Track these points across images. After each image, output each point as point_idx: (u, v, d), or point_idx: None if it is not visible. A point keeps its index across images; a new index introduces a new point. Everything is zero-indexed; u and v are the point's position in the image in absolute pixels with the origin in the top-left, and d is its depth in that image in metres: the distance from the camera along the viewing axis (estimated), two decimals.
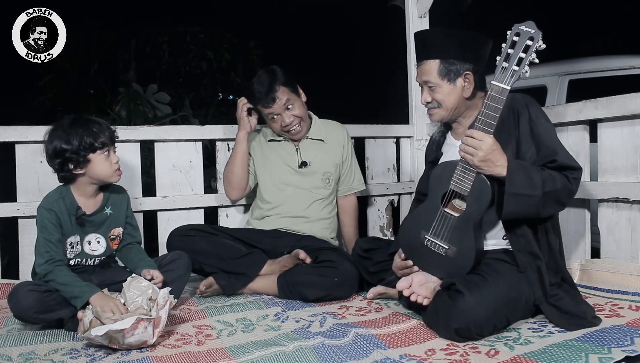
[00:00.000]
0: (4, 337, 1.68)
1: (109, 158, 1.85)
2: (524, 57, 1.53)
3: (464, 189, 1.65)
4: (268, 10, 7.37)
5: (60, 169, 1.83)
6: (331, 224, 2.46)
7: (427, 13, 2.79)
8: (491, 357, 1.42)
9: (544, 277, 1.64)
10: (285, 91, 2.30)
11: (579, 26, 7.40)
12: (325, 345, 1.53)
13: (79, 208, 1.87)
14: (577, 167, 1.64)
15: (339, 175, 2.48)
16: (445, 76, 1.73)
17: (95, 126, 1.83)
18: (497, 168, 1.59)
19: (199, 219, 2.64)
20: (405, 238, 1.83)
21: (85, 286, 1.72)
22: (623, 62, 3.40)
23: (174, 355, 1.52)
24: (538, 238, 1.69)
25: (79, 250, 1.89)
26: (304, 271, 2.10)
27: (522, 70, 1.54)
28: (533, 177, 1.57)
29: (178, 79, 6.31)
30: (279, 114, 2.32)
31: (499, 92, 1.56)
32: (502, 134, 1.65)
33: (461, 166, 1.65)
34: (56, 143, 1.80)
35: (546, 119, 1.71)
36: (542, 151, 1.65)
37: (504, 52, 1.55)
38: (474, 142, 1.58)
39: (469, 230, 1.67)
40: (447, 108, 1.77)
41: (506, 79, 1.55)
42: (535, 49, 1.53)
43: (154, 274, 1.85)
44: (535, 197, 1.56)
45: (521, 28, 1.54)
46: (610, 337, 1.46)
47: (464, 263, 1.68)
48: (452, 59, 1.71)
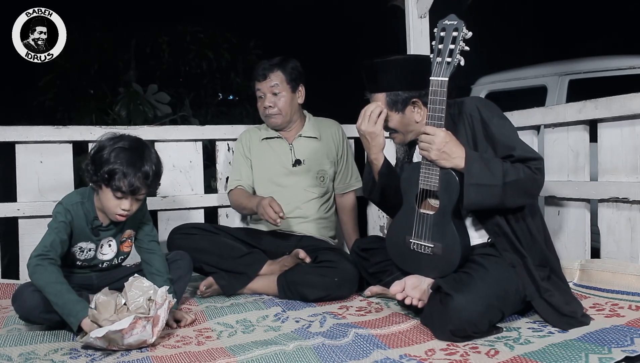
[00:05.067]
0: (4, 337, 1.68)
1: (119, 201, 1.73)
2: (453, 48, 1.60)
3: (432, 186, 1.68)
4: (268, 10, 7.37)
5: (87, 172, 1.75)
6: (329, 223, 2.46)
7: (427, 13, 2.79)
8: (491, 357, 1.42)
9: (533, 274, 1.65)
10: (279, 77, 2.35)
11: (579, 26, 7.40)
12: (325, 345, 1.53)
13: (95, 218, 1.82)
14: (538, 157, 1.67)
15: (334, 173, 2.48)
16: (393, 107, 1.81)
17: (130, 168, 1.69)
18: (455, 160, 1.63)
19: (199, 219, 2.64)
20: (393, 247, 1.85)
21: (75, 307, 1.63)
22: (623, 62, 3.41)
23: (174, 355, 1.52)
24: (514, 228, 1.70)
25: (91, 255, 1.86)
26: (304, 271, 2.10)
27: (455, 59, 1.60)
28: (492, 167, 1.60)
29: (178, 79, 6.32)
30: (265, 95, 2.36)
31: (438, 85, 1.62)
32: (458, 140, 1.68)
33: (424, 164, 1.69)
34: (95, 148, 1.74)
35: (500, 117, 1.74)
36: (499, 149, 1.68)
37: (435, 49, 1.63)
38: (427, 137, 1.64)
39: (449, 223, 1.68)
40: (402, 132, 1.85)
41: (442, 72, 1.61)
42: (462, 38, 1.59)
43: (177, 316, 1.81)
44: (497, 186, 1.59)
45: (445, 23, 1.62)
46: (610, 337, 1.46)
47: (452, 257, 1.69)
48: (396, 91, 1.78)
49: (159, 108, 4.90)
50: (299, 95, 2.42)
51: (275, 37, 6.77)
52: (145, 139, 2.53)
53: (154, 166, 1.76)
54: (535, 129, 2.41)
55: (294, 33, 7.75)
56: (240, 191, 2.43)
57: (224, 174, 2.69)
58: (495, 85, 4.27)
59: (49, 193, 2.38)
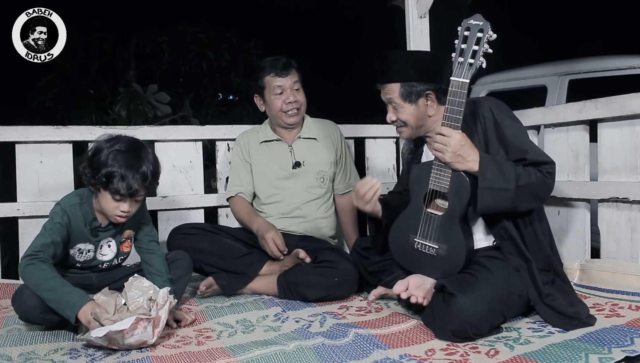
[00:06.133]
0: (4, 337, 1.68)
1: (118, 204, 1.73)
2: (477, 50, 1.58)
3: (443, 187, 1.67)
4: (268, 10, 7.37)
5: (84, 175, 1.74)
6: (329, 223, 2.46)
7: (427, 13, 2.79)
8: (491, 357, 1.42)
9: (536, 278, 1.65)
10: (296, 75, 2.36)
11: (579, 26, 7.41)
12: (325, 345, 1.53)
13: (94, 219, 1.81)
14: (550, 161, 1.66)
15: (333, 173, 2.48)
16: (407, 98, 1.77)
17: (128, 171, 1.68)
18: (469, 163, 1.61)
19: (199, 219, 2.64)
20: (396, 244, 1.84)
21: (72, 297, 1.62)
22: (623, 62, 3.41)
23: (174, 355, 1.52)
24: (521, 232, 1.69)
25: (90, 256, 1.86)
26: (304, 271, 2.10)
27: (478, 61, 1.58)
28: (506, 171, 1.59)
29: (178, 79, 6.32)
30: (286, 90, 2.33)
31: (459, 86, 1.60)
32: (471, 141, 1.67)
33: (436, 165, 1.68)
34: (92, 151, 1.73)
35: (513, 119, 1.73)
36: (511, 152, 1.67)
37: (458, 48, 1.60)
38: (443, 138, 1.62)
39: (455, 225, 1.68)
40: (412, 127, 1.80)
41: (464, 73, 1.59)
42: (487, 39, 1.57)
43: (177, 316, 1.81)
44: (510, 191, 1.58)
45: (470, 22, 1.59)
46: (610, 337, 1.46)
47: (456, 259, 1.68)
48: (412, 82, 1.75)
49: (159, 108, 4.90)
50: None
51: (275, 37, 6.77)
52: (145, 139, 2.52)
53: (152, 167, 1.75)
54: (535, 129, 2.41)
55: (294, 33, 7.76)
56: (240, 200, 2.42)
57: (224, 174, 2.69)
58: (495, 85, 4.27)
59: (49, 193, 2.38)
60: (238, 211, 2.40)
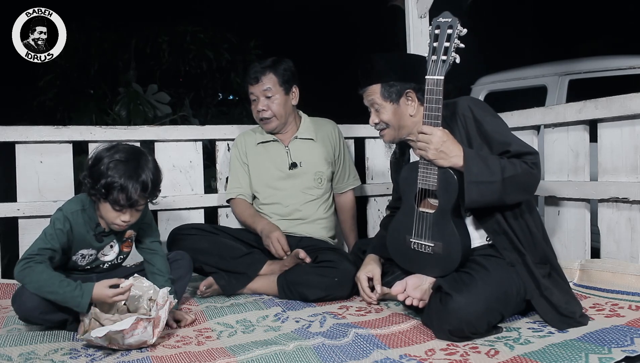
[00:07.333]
0: (4, 337, 1.68)
1: (118, 214, 1.72)
2: (448, 46, 1.60)
3: (431, 185, 1.68)
4: (268, 10, 7.37)
5: (84, 185, 1.73)
6: (329, 223, 2.46)
7: (427, 13, 2.79)
8: (491, 357, 1.42)
9: (533, 271, 1.65)
10: (272, 80, 2.32)
11: (579, 26, 7.41)
12: (325, 345, 1.53)
13: (98, 225, 1.80)
14: (533, 151, 1.67)
15: (332, 173, 2.48)
16: (388, 97, 1.79)
17: (128, 181, 1.66)
18: (453, 159, 1.63)
19: (199, 219, 2.64)
20: (394, 246, 1.85)
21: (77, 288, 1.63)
22: (623, 62, 3.41)
23: (174, 355, 1.52)
24: (512, 226, 1.70)
25: (92, 258, 1.85)
26: (304, 271, 2.10)
27: (450, 57, 1.60)
28: (491, 164, 1.60)
29: (178, 79, 6.32)
30: (258, 98, 2.34)
31: (434, 84, 1.62)
32: None
33: (422, 164, 1.69)
34: (92, 160, 1.71)
35: (493, 115, 1.74)
36: (495, 147, 1.68)
37: (430, 47, 1.62)
38: (425, 137, 1.64)
39: (448, 221, 1.68)
40: (394, 127, 1.82)
41: (438, 70, 1.61)
42: (457, 35, 1.58)
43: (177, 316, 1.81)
44: (496, 183, 1.59)
45: (439, 20, 1.61)
46: (610, 337, 1.46)
47: (453, 255, 1.69)
48: (392, 81, 1.78)
49: (159, 108, 4.91)
50: (293, 96, 2.40)
51: (275, 37, 6.77)
52: (145, 139, 2.55)
53: (152, 176, 1.73)
54: (535, 129, 2.41)
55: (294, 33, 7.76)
56: (241, 202, 2.43)
57: (224, 174, 2.69)
58: (495, 85, 4.27)
59: (48, 193, 2.38)
60: (240, 212, 2.40)
